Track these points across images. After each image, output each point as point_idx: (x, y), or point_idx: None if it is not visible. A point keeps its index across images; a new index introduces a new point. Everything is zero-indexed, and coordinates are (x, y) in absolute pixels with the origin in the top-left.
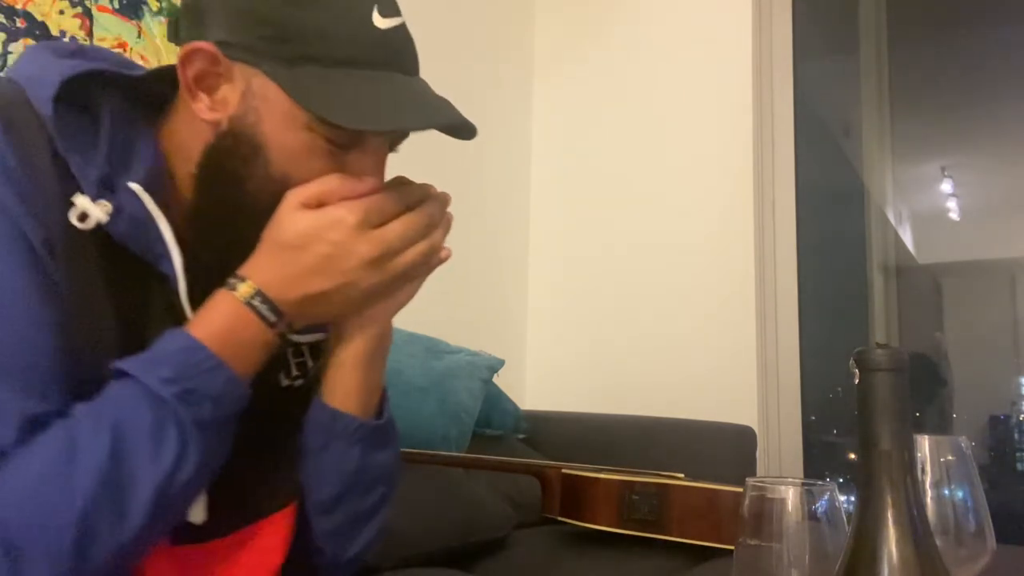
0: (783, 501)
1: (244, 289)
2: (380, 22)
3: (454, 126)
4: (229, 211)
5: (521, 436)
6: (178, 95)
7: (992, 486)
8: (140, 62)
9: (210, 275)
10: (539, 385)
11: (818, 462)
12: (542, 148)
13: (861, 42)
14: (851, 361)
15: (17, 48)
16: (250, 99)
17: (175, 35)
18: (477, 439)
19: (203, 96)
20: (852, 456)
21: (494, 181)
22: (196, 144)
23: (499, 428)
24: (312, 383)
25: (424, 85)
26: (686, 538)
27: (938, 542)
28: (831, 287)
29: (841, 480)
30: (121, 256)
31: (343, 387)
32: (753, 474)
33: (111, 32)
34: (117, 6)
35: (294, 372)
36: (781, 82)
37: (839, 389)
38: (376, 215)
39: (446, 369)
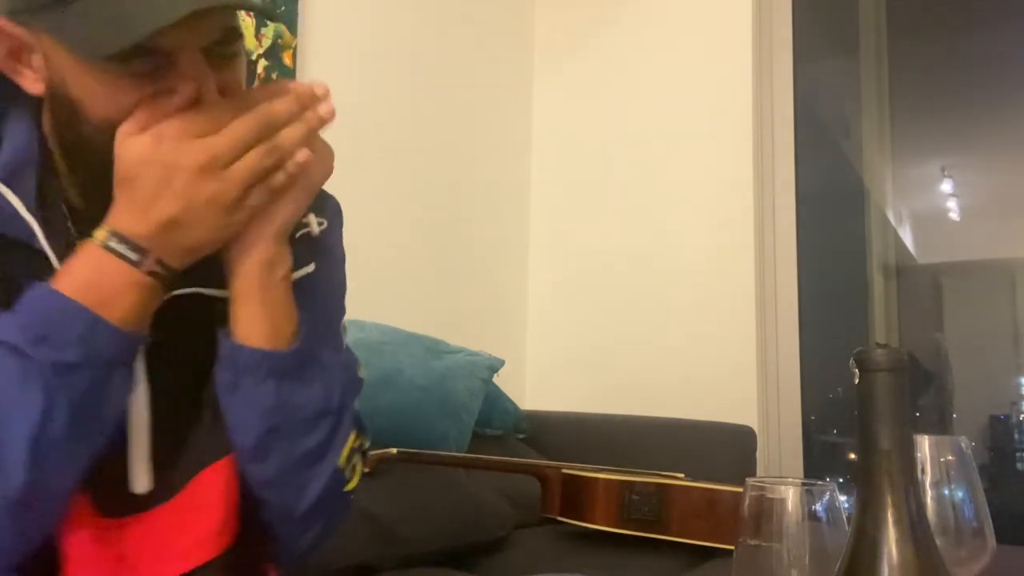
0: (783, 501)
1: (99, 234)
2: None
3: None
4: (87, 172)
5: (521, 436)
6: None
7: (992, 486)
8: None
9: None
10: (539, 385)
11: (818, 462)
12: (542, 148)
13: (861, 42)
14: (851, 361)
15: None
16: (50, 61)
17: None
18: (477, 439)
19: (24, 71)
20: (852, 456)
21: (494, 181)
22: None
23: (499, 428)
24: None
25: None
26: (686, 538)
27: (938, 542)
28: (831, 287)
29: (841, 480)
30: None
31: (242, 320)
32: (753, 474)
33: None
34: None
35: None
36: (781, 82)
37: (839, 389)
38: (200, 122)
39: (446, 369)
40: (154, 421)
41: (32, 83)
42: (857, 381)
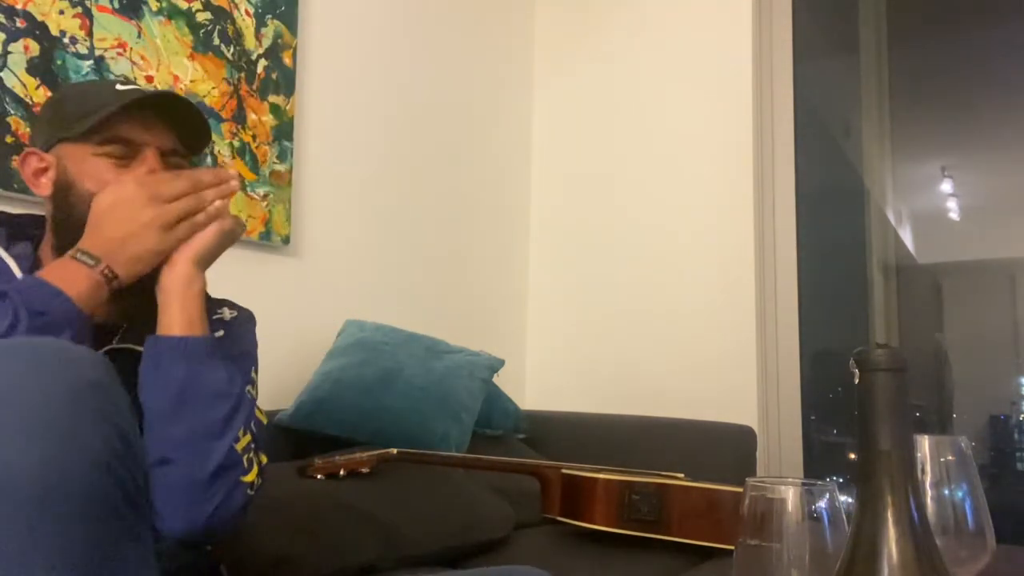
0: (783, 501)
1: (70, 252)
2: (122, 88)
3: (164, 96)
4: (72, 234)
5: (521, 436)
6: (46, 225)
7: (992, 486)
8: (140, 62)
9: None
10: (539, 385)
11: (818, 462)
12: (543, 149)
13: (861, 42)
14: (851, 361)
15: (17, 48)
16: (61, 163)
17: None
18: (477, 439)
19: (39, 182)
20: (852, 456)
21: (494, 181)
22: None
23: (499, 428)
24: None
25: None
26: (686, 538)
27: (938, 542)
28: (831, 287)
29: (841, 480)
30: None
31: (164, 319)
32: (753, 474)
33: (111, 32)
34: (117, 6)
35: None
36: (781, 82)
37: (839, 389)
38: (151, 178)
39: (446, 369)
40: None
41: (44, 188)
42: (857, 381)
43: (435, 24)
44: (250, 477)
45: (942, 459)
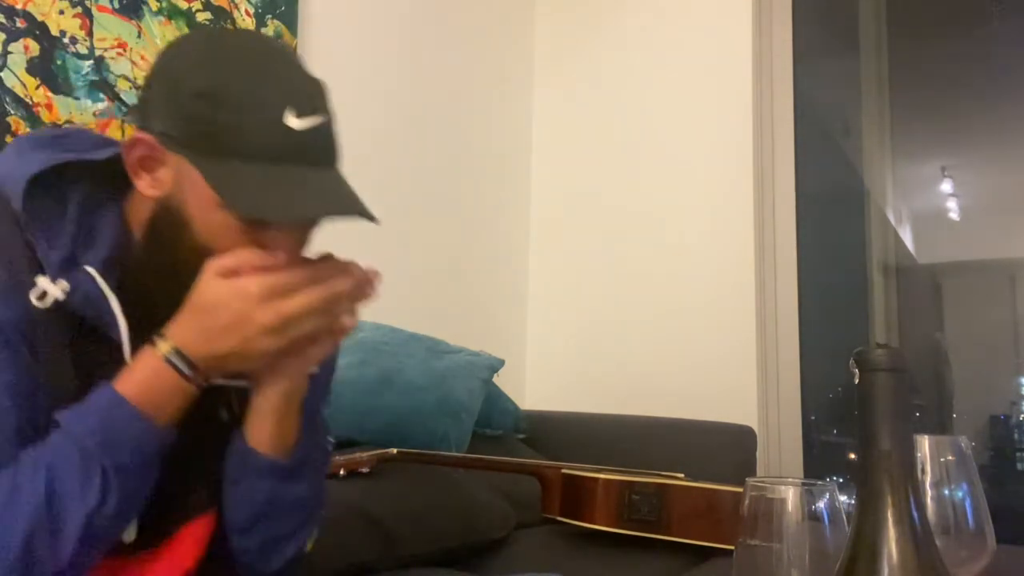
0: (783, 501)
1: (163, 347)
2: (294, 122)
3: (346, 215)
4: (163, 274)
5: (521, 436)
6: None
7: (992, 486)
8: (140, 62)
9: (149, 332)
10: (539, 385)
11: (818, 462)
12: (542, 149)
13: (861, 42)
14: (851, 361)
15: (17, 48)
16: (181, 180)
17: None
18: (477, 439)
19: (144, 175)
20: (852, 456)
21: (494, 181)
22: (145, 213)
23: (499, 428)
24: (239, 421)
25: (332, 177)
26: (686, 538)
27: (938, 542)
28: (831, 287)
29: (841, 480)
30: (79, 323)
31: (258, 431)
32: (753, 474)
33: (111, 32)
34: (117, 6)
35: (227, 413)
36: (781, 82)
37: (839, 389)
38: (280, 287)
39: (446, 369)
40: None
41: (148, 187)
42: (857, 381)
43: (435, 25)
44: (310, 547)
45: (942, 459)
